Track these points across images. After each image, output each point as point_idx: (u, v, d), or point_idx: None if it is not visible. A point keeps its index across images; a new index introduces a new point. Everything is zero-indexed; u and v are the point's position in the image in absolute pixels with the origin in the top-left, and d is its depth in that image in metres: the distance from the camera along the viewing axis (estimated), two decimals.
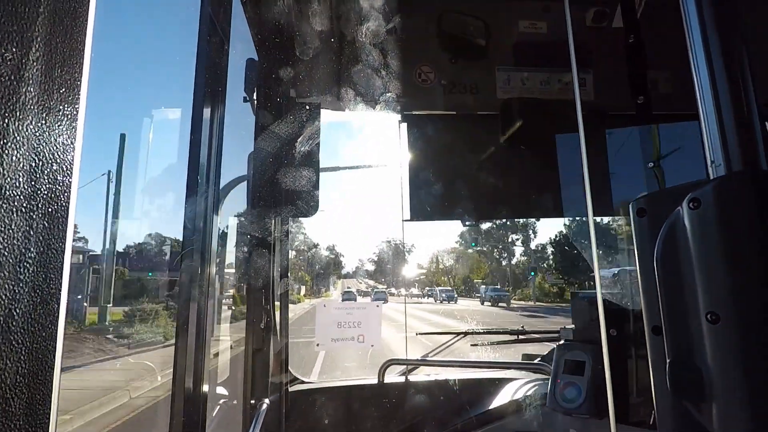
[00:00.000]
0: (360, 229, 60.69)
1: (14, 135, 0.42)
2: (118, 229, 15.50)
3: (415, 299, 32.82)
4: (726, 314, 0.56)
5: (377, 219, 62.35)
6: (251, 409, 1.91)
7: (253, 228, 2.04)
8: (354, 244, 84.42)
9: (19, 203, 0.42)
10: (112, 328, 12.52)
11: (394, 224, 39.34)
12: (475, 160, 2.19)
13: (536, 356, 2.23)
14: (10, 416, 0.40)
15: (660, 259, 0.64)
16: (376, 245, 52.41)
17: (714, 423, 0.58)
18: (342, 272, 42.06)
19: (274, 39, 1.96)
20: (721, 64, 0.60)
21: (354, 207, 49.35)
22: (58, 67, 0.47)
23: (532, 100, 2.10)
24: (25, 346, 0.42)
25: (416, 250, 49.51)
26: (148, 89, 45.86)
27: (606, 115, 2.01)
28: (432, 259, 43.35)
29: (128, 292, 17.30)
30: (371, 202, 60.69)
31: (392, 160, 2.67)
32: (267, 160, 1.98)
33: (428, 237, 60.62)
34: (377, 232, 52.68)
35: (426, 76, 2.12)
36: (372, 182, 68.81)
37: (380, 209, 56.67)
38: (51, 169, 0.46)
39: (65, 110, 0.48)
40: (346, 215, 57.94)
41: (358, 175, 72.05)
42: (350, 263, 49.06)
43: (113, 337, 11.27)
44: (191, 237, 1.38)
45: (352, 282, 41.33)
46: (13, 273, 0.41)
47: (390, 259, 40.01)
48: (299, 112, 2.01)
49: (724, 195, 0.57)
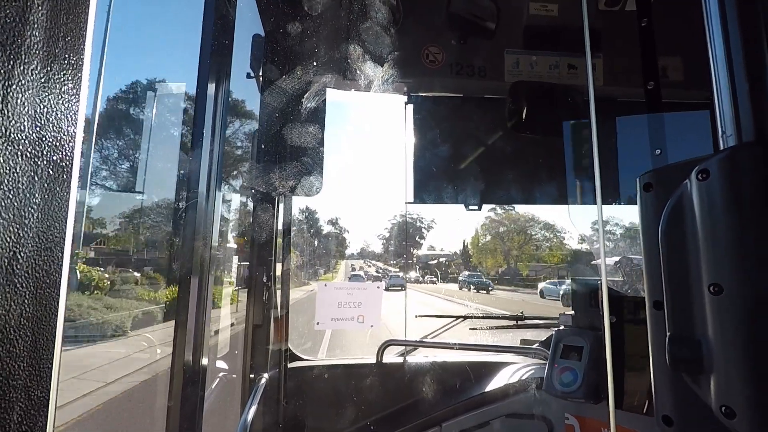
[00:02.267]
0: (365, 209, 59.60)
1: (19, 78, 0.41)
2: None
3: (427, 285, 29.78)
4: (729, 285, 0.55)
5: (381, 200, 61.59)
6: (250, 384, 1.93)
7: (256, 204, 2.04)
8: (359, 223, 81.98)
9: (24, 147, 0.42)
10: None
11: (397, 206, 36.97)
12: (480, 144, 2.18)
13: (534, 341, 2.24)
14: (14, 357, 0.40)
15: (665, 232, 0.64)
16: (388, 221, 47.66)
17: (713, 396, 0.58)
18: (346, 252, 38.35)
19: (281, 15, 1.94)
20: (736, 33, 0.59)
21: (358, 187, 47.97)
22: (63, 14, 0.47)
23: (540, 84, 2.08)
24: (29, 290, 0.42)
25: (435, 228, 44.20)
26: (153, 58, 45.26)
27: (615, 101, 1.99)
28: (452, 239, 40.48)
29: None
30: (376, 182, 59.87)
31: (397, 141, 2.66)
32: (271, 137, 1.97)
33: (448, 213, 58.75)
34: (382, 213, 50.92)
35: (434, 57, 2.09)
36: (377, 163, 68.10)
37: (385, 190, 55.49)
38: (56, 117, 0.46)
39: (70, 59, 0.48)
40: (351, 195, 56.89)
41: (362, 155, 71.70)
42: (355, 243, 46.44)
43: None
44: (194, 212, 1.38)
45: (359, 264, 37.79)
46: (18, 217, 0.41)
47: (403, 239, 36.41)
48: (304, 91, 2.00)
49: (734, 165, 0.57)
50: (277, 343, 2.04)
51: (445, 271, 35.68)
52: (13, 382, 0.40)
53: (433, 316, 2.55)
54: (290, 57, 1.97)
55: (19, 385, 0.41)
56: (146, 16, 41.10)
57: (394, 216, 39.77)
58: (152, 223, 18.64)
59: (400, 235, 37.85)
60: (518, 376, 1.95)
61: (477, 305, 18.17)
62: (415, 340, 2.29)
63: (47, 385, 0.44)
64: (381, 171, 59.16)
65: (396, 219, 39.06)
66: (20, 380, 0.41)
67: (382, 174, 59.70)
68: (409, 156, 2.14)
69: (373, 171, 65.68)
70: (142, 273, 13.75)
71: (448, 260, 37.25)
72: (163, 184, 18.38)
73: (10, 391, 0.40)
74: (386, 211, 46.37)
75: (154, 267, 14.45)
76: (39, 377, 0.43)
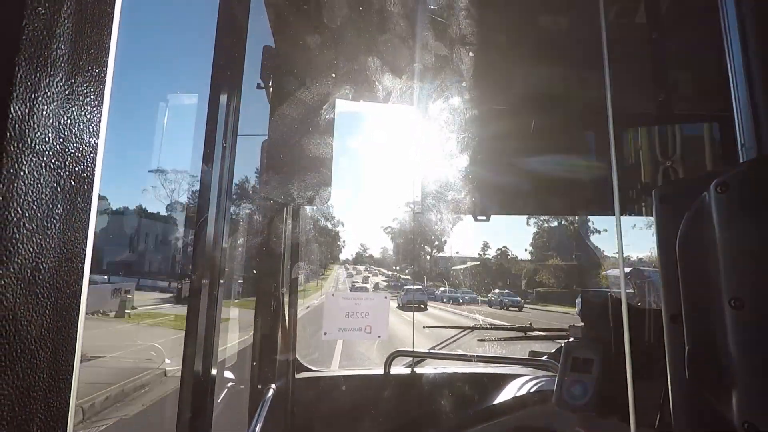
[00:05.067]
0: (374, 215, 58.31)
1: (45, 90, 0.42)
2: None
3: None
4: (751, 300, 0.54)
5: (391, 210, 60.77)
6: (258, 395, 1.92)
7: (265, 215, 2.05)
8: (367, 228, 78.88)
9: (47, 159, 0.42)
10: None
11: (407, 216, 33.55)
12: (492, 155, 2.18)
13: (544, 353, 2.21)
14: (35, 368, 0.40)
15: (682, 246, 0.63)
16: (393, 219, 41.36)
17: (735, 412, 0.56)
18: (340, 256, 33.03)
19: (291, 27, 1.96)
20: (755, 44, 0.59)
21: (367, 197, 46.38)
22: (88, 27, 0.47)
23: (549, 95, 2.08)
24: (50, 301, 0.42)
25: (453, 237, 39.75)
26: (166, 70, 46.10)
27: (626, 113, 1.98)
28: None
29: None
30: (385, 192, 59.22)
31: (407, 152, 2.67)
32: (280, 147, 1.99)
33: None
34: (391, 221, 48.73)
35: (445, 68, 2.10)
36: (386, 174, 67.77)
37: (394, 201, 54.18)
38: (79, 128, 0.47)
39: (93, 71, 0.49)
40: (360, 204, 55.72)
41: (372, 165, 71.57)
42: (354, 246, 42.01)
43: None
44: (205, 223, 1.38)
45: (362, 273, 32.82)
46: (41, 227, 0.41)
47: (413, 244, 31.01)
48: (314, 101, 2.01)
49: (754, 178, 0.56)
50: (284, 354, 2.03)
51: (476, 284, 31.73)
52: (33, 394, 0.40)
53: (441, 327, 2.53)
54: (300, 68, 1.99)
55: (38, 396, 0.41)
56: (159, 25, 41.76)
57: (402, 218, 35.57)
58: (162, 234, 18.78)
59: (407, 243, 34.13)
60: (527, 389, 1.93)
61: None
62: (423, 351, 2.28)
63: (66, 396, 0.44)
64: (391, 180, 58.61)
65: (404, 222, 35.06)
66: (40, 391, 0.41)
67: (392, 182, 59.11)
68: (419, 166, 2.15)
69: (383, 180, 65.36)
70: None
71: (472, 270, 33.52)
72: (174, 195, 18.54)
73: (30, 403, 0.40)
74: (394, 216, 44.31)
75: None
76: (58, 388, 0.43)
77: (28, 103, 0.40)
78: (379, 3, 1.89)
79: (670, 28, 1.65)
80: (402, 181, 28.04)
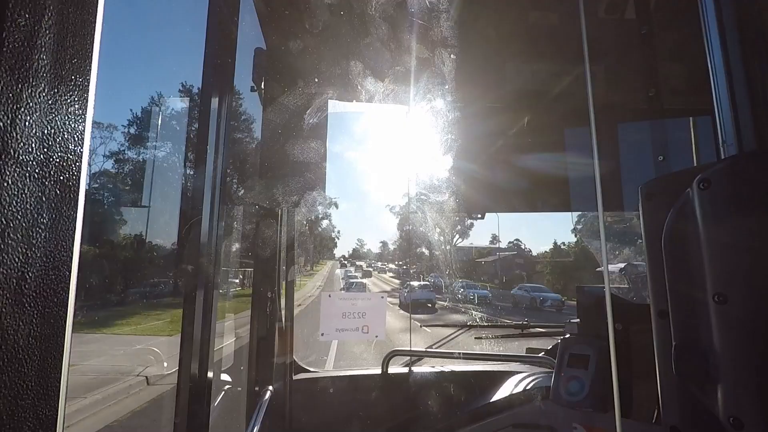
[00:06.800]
0: (372, 217, 58.43)
1: (27, 101, 0.42)
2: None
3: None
4: (734, 295, 0.55)
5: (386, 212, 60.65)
6: (255, 397, 1.92)
7: (260, 218, 2.05)
8: (367, 226, 78.28)
9: (32, 169, 0.43)
10: None
11: (401, 217, 32.83)
12: (483, 153, 2.19)
13: (540, 350, 2.22)
14: (23, 376, 0.41)
15: (668, 242, 0.63)
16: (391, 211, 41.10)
17: (720, 407, 0.57)
18: (335, 251, 31.88)
19: (282, 28, 1.95)
20: (735, 42, 0.59)
21: (363, 196, 46.01)
22: (70, 37, 0.48)
23: (541, 92, 2.08)
24: (37, 310, 0.43)
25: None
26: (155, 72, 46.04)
27: (616, 108, 1.99)
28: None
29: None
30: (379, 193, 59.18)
31: (400, 152, 2.67)
32: (274, 150, 1.99)
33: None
34: (389, 219, 47.89)
35: (435, 67, 2.11)
36: (380, 172, 67.63)
37: (389, 201, 53.74)
38: (63, 138, 0.47)
39: (77, 80, 0.49)
40: (359, 205, 55.66)
41: (366, 164, 71.66)
42: (349, 242, 41.77)
43: None
44: (198, 226, 1.38)
45: (357, 267, 31.22)
46: (26, 237, 0.42)
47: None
48: (307, 103, 2.01)
49: (735, 175, 0.56)
50: (281, 355, 2.03)
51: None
52: (22, 402, 0.41)
53: (438, 326, 2.54)
54: (292, 70, 1.99)
55: (27, 404, 0.41)
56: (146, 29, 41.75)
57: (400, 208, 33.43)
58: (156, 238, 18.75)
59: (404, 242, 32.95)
60: (524, 386, 1.94)
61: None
62: (420, 350, 2.28)
63: (55, 404, 0.44)
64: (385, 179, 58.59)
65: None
66: (28, 400, 0.41)
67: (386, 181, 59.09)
68: (412, 166, 2.15)
69: (377, 179, 65.36)
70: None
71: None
72: (167, 198, 18.53)
73: (19, 411, 0.40)
74: (391, 213, 43.66)
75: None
76: (47, 396, 0.44)
77: (10, 115, 0.40)
78: (369, 4, 1.89)
79: (659, 23, 1.66)
80: (396, 180, 26.89)
